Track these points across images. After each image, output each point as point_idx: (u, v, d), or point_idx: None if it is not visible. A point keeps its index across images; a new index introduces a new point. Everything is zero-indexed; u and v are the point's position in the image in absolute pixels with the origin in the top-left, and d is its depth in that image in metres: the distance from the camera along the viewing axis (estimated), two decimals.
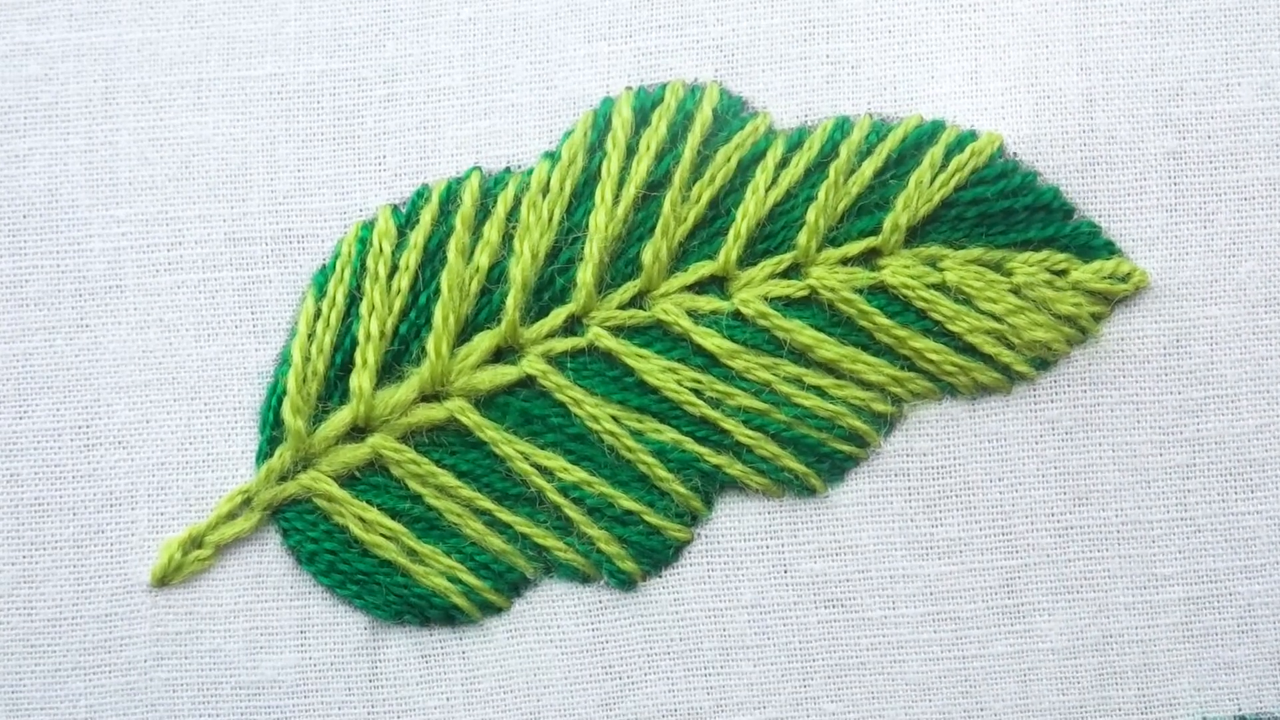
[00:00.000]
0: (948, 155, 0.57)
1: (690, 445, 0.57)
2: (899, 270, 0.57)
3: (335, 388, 0.58)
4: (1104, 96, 0.57)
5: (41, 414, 0.58)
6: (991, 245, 0.57)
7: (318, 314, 0.58)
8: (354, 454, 0.57)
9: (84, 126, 0.59)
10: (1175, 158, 0.57)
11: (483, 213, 0.58)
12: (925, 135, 0.57)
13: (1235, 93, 0.57)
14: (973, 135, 0.57)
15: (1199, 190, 0.57)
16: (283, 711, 0.57)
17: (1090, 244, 0.57)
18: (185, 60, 0.59)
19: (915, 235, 0.57)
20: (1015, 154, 0.58)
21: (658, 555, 0.57)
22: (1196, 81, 0.57)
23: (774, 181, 0.57)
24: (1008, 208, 0.57)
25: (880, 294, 0.57)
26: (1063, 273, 0.57)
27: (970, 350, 0.57)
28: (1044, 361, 0.57)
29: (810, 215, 0.57)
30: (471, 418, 0.57)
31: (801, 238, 0.57)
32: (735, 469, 0.57)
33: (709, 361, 0.57)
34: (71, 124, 0.59)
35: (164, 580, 0.58)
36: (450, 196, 0.58)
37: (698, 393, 0.57)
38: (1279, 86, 0.57)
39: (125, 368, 0.58)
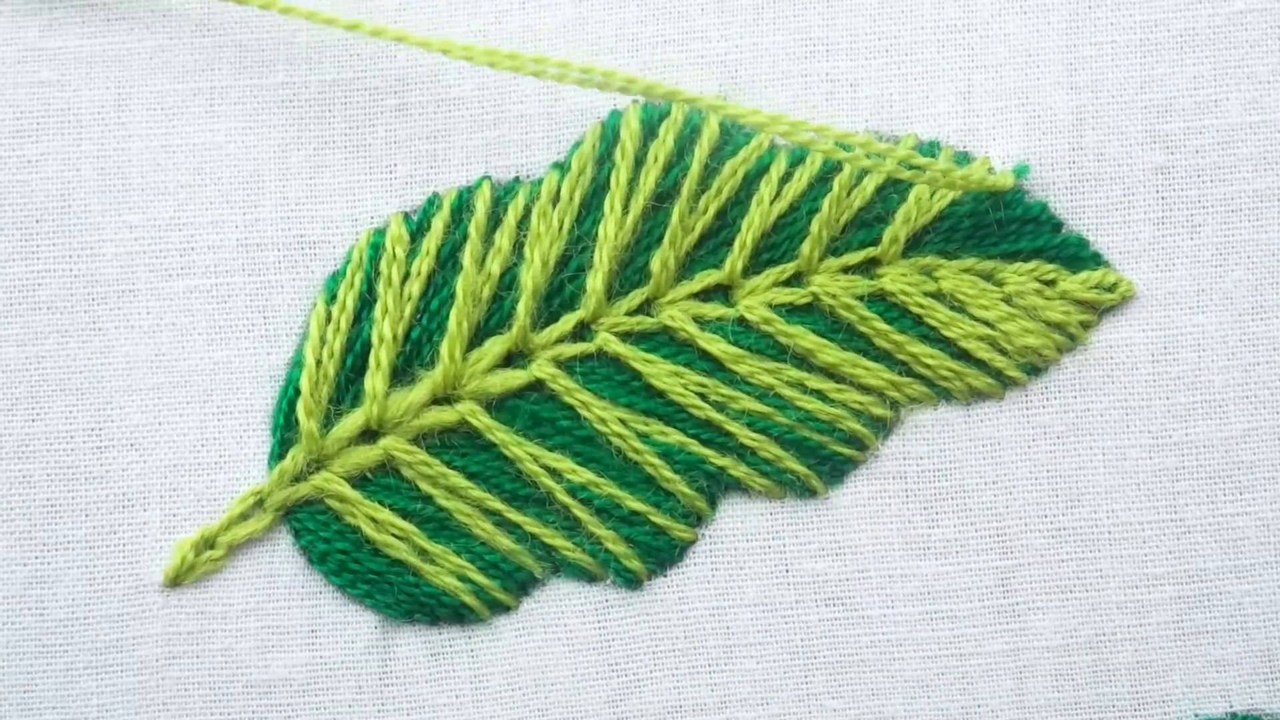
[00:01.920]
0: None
1: (695, 447, 0.58)
2: (897, 278, 0.59)
3: (346, 391, 0.59)
4: (1093, 114, 0.59)
5: (54, 416, 0.59)
6: (984, 256, 0.59)
7: (329, 318, 0.59)
8: (366, 455, 0.58)
9: (96, 132, 0.60)
10: (1163, 172, 0.59)
11: (493, 221, 0.59)
12: (923, 155, 0.59)
13: (1224, 108, 0.59)
14: (966, 157, 0.59)
15: (1186, 203, 0.59)
16: (293, 710, 0.58)
17: (1078, 255, 0.59)
18: (197, 68, 0.60)
19: (912, 245, 0.59)
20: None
21: (663, 555, 0.59)
22: (1185, 98, 0.59)
23: (778, 194, 0.59)
24: (999, 219, 0.59)
25: (879, 301, 0.59)
26: (1051, 282, 0.59)
27: (964, 355, 0.59)
28: (1035, 368, 0.59)
29: (814, 226, 0.58)
30: (482, 420, 0.58)
31: (805, 247, 0.58)
32: (739, 470, 0.58)
33: (714, 366, 0.59)
34: (84, 129, 0.60)
35: (176, 580, 0.58)
36: (461, 205, 0.59)
37: (703, 396, 0.58)
38: (1267, 101, 0.59)
39: (138, 371, 0.59)
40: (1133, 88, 0.59)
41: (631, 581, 0.59)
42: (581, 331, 0.59)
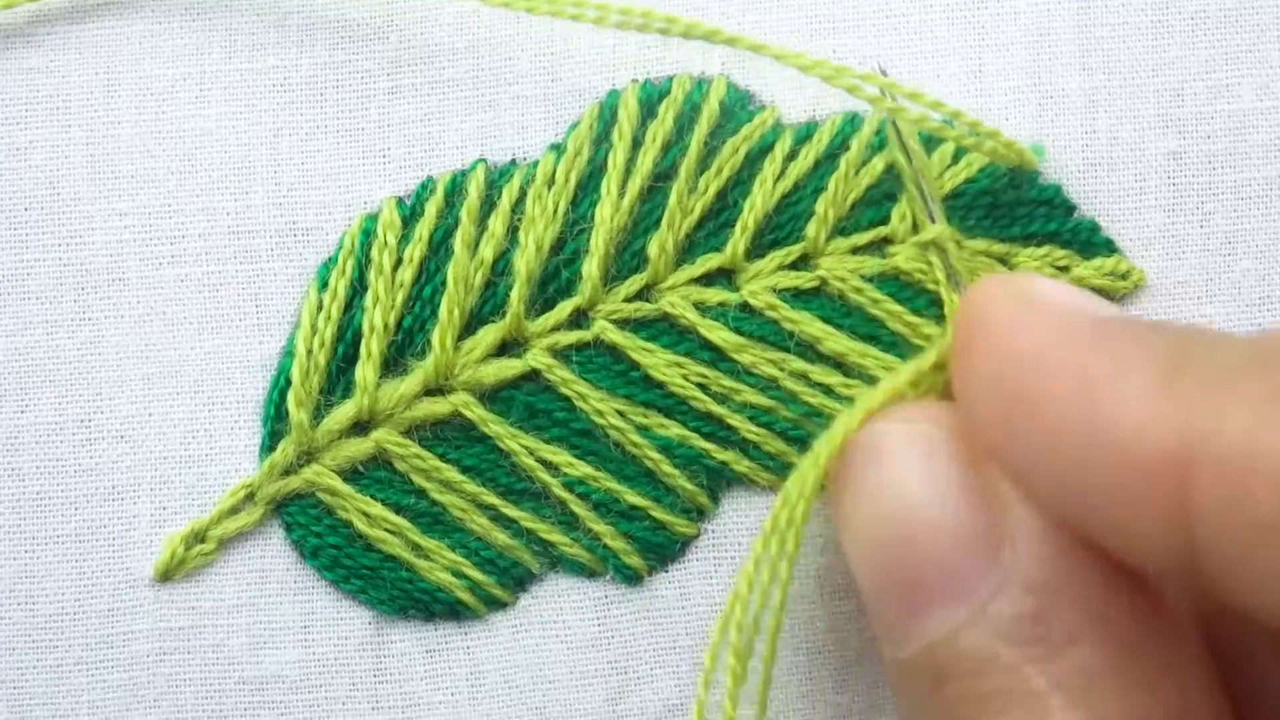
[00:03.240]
0: (957, 154, 0.58)
1: (696, 441, 0.57)
2: (911, 257, 0.57)
3: (338, 381, 0.58)
4: (1106, 97, 0.58)
5: (43, 408, 0.58)
6: (997, 238, 0.58)
7: (320, 306, 0.58)
8: (357, 448, 0.57)
9: (85, 119, 0.59)
10: (1175, 158, 0.58)
11: (488, 205, 0.58)
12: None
13: (1236, 93, 0.57)
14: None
15: (1197, 190, 0.58)
16: (286, 706, 0.57)
17: (1091, 241, 0.58)
18: (187, 53, 0.59)
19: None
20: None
21: (664, 551, 0.58)
22: (1197, 82, 0.58)
23: (782, 173, 0.58)
24: (1013, 200, 0.58)
25: (890, 282, 0.57)
26: (1064, 269, 0.58)
27: None
28: None
29: (819, 206, 0.57)
30: (476, 412, 0.57)
31: (810, 228, 0.57)
32: (742, 465, 0.57)
33: (716, 356, 0.57)
34: (73, 116, 0.59)
35: (167, 575, 0.57)
36: (455, 189, 0.58)
37: (704, 388, 0.57)
38: (1278, 87, 0.57)
39: (127, 361, 0.58)
40: (1145, 71, 0.58)
41: (631, 578, 0.58)
42: (578, 319, 0.58)
